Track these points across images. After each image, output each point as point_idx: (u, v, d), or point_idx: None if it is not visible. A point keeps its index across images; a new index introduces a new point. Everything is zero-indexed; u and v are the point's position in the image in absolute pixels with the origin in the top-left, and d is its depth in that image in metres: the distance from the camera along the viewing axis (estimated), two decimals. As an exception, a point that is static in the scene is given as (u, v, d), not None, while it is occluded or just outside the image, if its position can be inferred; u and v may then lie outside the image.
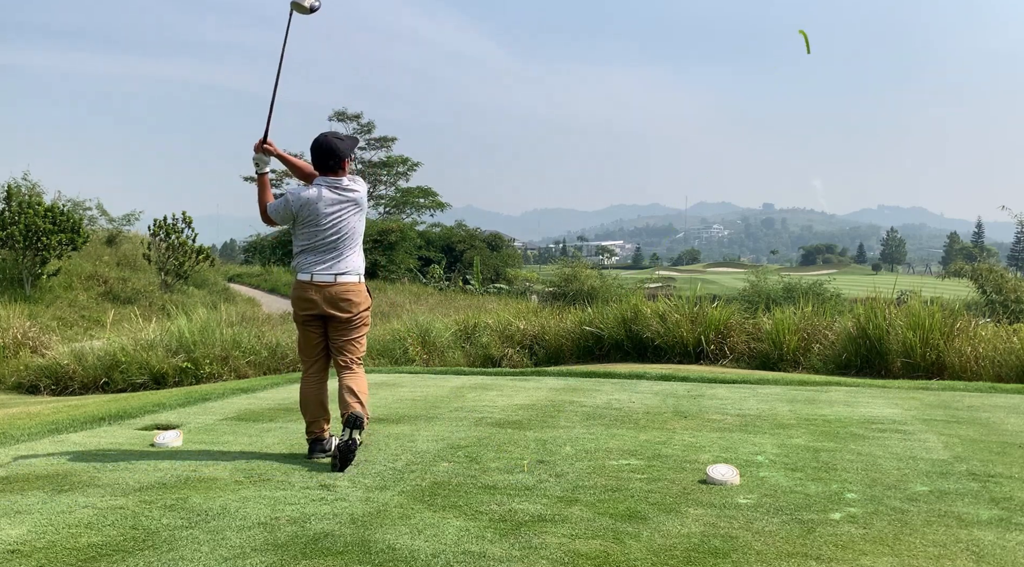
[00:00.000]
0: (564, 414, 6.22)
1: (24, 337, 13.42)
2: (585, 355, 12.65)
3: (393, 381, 8.64)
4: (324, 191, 4.54)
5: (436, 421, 5.88)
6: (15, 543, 3.06)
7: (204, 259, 25.74)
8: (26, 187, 27.74)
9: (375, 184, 49.11)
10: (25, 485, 3.94)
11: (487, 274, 40.65)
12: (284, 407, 6.61)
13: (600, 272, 30.36)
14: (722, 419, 5.99)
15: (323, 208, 4.50)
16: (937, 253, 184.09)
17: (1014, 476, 4.19)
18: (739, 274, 52.24)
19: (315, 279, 4.50)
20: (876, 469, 4.33)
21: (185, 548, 3.02)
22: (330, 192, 4.54)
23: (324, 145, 4.57)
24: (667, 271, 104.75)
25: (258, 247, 43.32)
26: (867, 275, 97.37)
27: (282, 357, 12.01)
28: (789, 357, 11.32)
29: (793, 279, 22.58)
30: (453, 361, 12.34)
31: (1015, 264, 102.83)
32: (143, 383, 11.14)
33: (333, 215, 4.51)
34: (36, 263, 21.38)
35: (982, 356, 9.94)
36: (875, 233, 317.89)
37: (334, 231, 4.52)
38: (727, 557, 2.96)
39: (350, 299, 4.53)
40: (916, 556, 2.98)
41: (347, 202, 4.56)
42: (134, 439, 5.23)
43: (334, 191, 4.54)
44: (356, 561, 2.91)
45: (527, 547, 3.05)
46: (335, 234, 4.52)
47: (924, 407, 6.65)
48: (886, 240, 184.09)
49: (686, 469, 4.32)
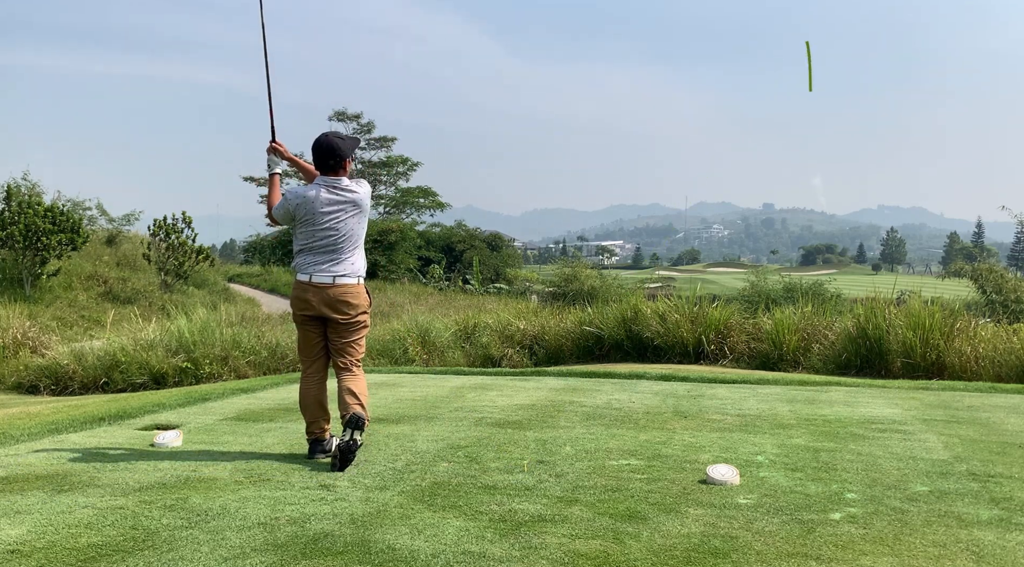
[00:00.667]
0: (564, 414, 6.22)
1: (24, 337, 13.41)
2: (585, 355, 12.65)
3: (393, 381, 8.64)
4: (322, 191, 4.48)
5: (436, 421, 5.88)
6: (15, 543, 3.05)
7: (204, 259, 25.75)
8: (26, 187, 27.77)
9: (375, 184, 49.12)
10: (25, 485, 3.93)
11: (487, 274, 40.65)
12: (284, 407, 6.61)
13: (600, 272, 30.37)
14: (722, 419, 5.99)
15: (320, 208, 4.45)
16: (937, 253, 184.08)
17: (1014, 476, 4.19)
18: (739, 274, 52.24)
19: (313, 280, 4.47)
20: (876, 469, 4.33)
21: (185, 548, 3.02)
22: (328, 193, 4.48)
23: (325, 144, 4.51)
24: (667, 271, 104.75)
25: (258, 247, 43.34)
26: (867, 275, 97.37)
27: (282, 357, 12.01)
28: (789, 357, 11.32)
29: (793, 279, 22.56)
30: (453, 361, 12.34)
31: (1015, 264, 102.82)
32: (143, 383, 11.14)
33: (331, 216, 4.46)
34: (36, 263, 21.38)
35: (982, 356, 9.94)
36: (875, 233, 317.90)
37: (332, 232, 4.46)
38: (727, 557, 2.96)
39: (348, 301, 4.49)
40: (916, 556, 2.98)
41: (346, 203, 4.50)
42: (134, 439, 5.23)
43: (332, 191, 4.48)
44: (356, 561, 2.91)
45: (527, 547, 3.05)
46: (333, 235, 4.47)
47: (924, 407, 6.65)
48: (886, 240, 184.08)
49: (686, 469, 4.32)
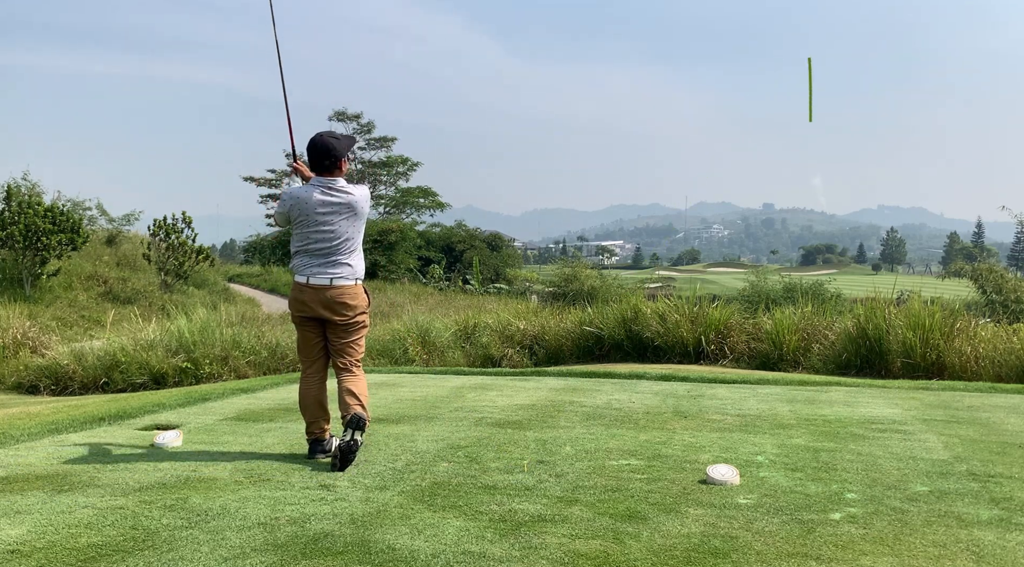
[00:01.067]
0: (564, 414, 6.22)
1: (24, 337, 13.41)
2: (585, 355, 12.65)
3: (393, 381, 8.63)
4: (316, 192, 4.44)
5: (436, 421, 5.88)
6: (15, 543, 3.05)
7: (204, 259, 25.75)
8: (26, 187, 27.77)
9: (375, 184, 49.10)
10: (25, 485, 3.93)
11: (487, 274, 40.65)
12: (284, 407, 6.61)
13: (600, 272, 30.35)
14: (722, 419, 5.99)
15: (312, 209, 4.41)
16: (937, 253, 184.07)
17: (1014, 476, 4.19)
18: (739, 274, 52.21)
19: (311, 282, 4.45)
20: (876, 469, 4.33)
21: (185, 548, 3.02)
22: (322, 194, 4.43)
23: (319, 144, 4.47)
24: (667, 271, 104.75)
25: (258, 247, 43.37)
26: (867, 275, 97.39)
27: (282, 357, 12.01)
28: (789, 357, 11.32)
29: (793, 279, 22.54)
30: (453, 361, 12.34)
31: (1015, 264, 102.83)
32: (143, 383, 11.14)
33: (324, 217, 4.42)
34: (36, 263, 21.37)
35: (982, 356, 9.94)
36: (875, 233, 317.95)
37: (326, 234, 4.43)
38: (727, 557, 2.96)
39: (345, 302, 4.46)
40: (916, 556, 2.98)
41: (340, 204, 4.45)
42: (134, 439, 5.23)
43: (327, 192, 4.44)
44: (356, 561, 2.91)
45: (527, 547, 3.05)
46: (328, 236, 4.43)
47: (924, 407, 6.65)
48: (886, 240, 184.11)
49: (686, 469, 4.32)
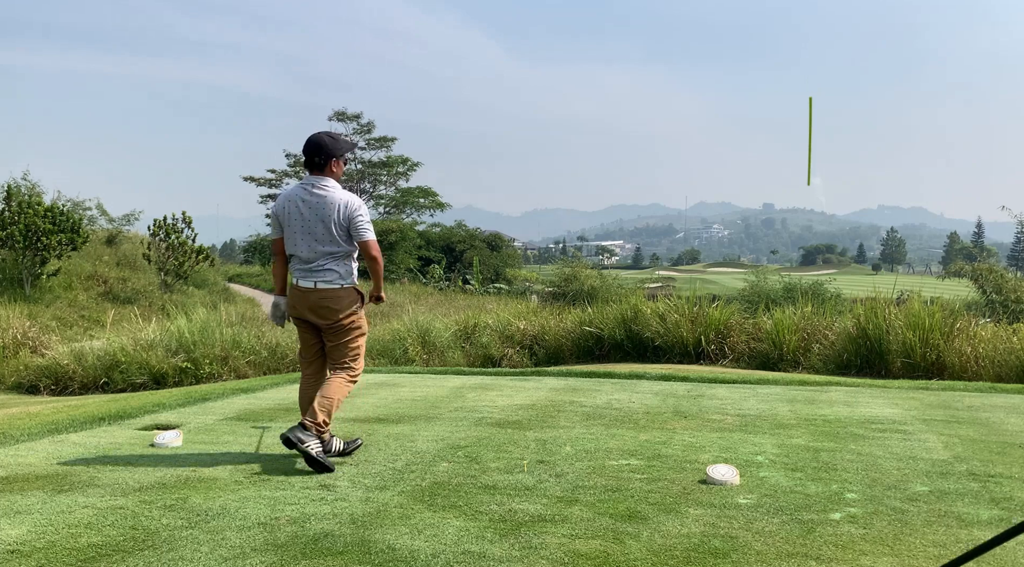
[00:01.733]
0: (564, 414, 6.22)
1: (24, 337, 13.43)
2: (585, 355, 12.65)
3: (393, 381, 8.63)
4: (297, 191, 4.40)
5: (436, 421, 5.87)
6: (15, 543, 3.05)
7: (204, 259, 25.77)
8: (26, 187, 27.81)
9: (375, 184, 49.09)
10: (25, 485, 3.93)
11: (487, 274, 40.65)
12: (284, 407, 6.61)
13: (600, 272, 30.32)
14: (722, 419, 5.99)
15: (292, 208, 4.37)
16: (937, 253, 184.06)
17: (1014, 476, 4.19)
18: (739, 274, 52.21)
19: (299, 284, 4.43)
20: (876, 469, 4.33)
21: (185, 548, 3.02)
22: (302, 191, 4.38)
23: (312, 141, 4.42)
24: (667, 271, 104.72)
25: (258, 247, 43.40)
26: (867, 275, 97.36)
27: (282, 357, 12.02)
28: (789, 357, 11.33)
29: (793, 279, 22.52)
30: (453, 361, 12.34)
31: (1015, 264, 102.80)
32: (143, 383, 11.15)
33: (304, 217, 4.35)
34: (36, 263, 21.38)
35: (982, 356, 9.94)
36: (875, 233, 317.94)
37: (305, 234, 4.36)
38: (727, 557, 2.96)
39: (328, 306, 4.40)
40: (916, 556, 2.98)
41: (317, 204, 4.34)
42: (134, 439, 5.23)
43: (307, 191, 4.37)
44: (356, 561, 2.91)
45: (527, 547, 3.05)
46: (307, 236, 4.36)
47: (924, 407, 6.65)
48: (886, 240, 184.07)
49: (686, 469, 4.32)
